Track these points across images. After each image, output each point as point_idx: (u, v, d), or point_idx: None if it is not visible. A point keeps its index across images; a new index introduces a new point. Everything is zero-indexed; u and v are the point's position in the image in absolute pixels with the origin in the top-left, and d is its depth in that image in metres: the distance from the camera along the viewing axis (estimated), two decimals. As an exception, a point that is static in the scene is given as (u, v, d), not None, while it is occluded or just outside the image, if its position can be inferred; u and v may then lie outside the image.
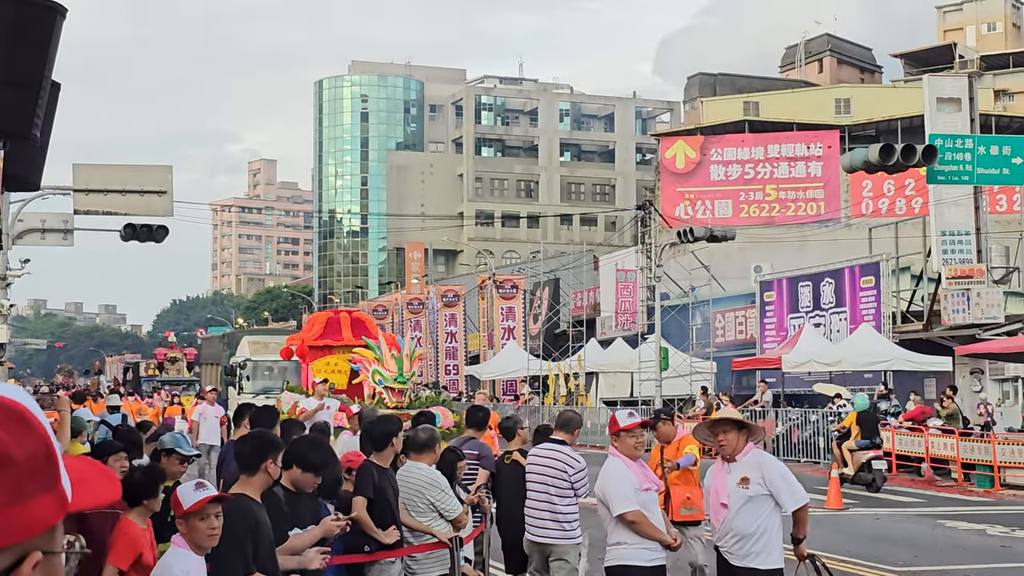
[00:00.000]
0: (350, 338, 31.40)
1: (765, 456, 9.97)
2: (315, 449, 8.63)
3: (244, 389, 44.83)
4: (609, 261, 70.28)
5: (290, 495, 8.36)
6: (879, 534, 20.94)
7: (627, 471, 9.67)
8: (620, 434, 9.83)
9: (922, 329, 43.87)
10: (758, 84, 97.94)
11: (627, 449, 9.78)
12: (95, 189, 29.45)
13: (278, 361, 42.45)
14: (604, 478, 9.79)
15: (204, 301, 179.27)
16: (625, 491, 9.57)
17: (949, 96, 42.24)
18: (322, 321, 33.36)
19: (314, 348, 32.24)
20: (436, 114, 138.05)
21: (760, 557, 9.49)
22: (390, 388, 25.62)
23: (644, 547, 9.58)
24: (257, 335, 57.00)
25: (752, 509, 9.55)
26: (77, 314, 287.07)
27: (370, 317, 37.99)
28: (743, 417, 10.17)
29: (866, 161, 27.07)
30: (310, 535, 8.26)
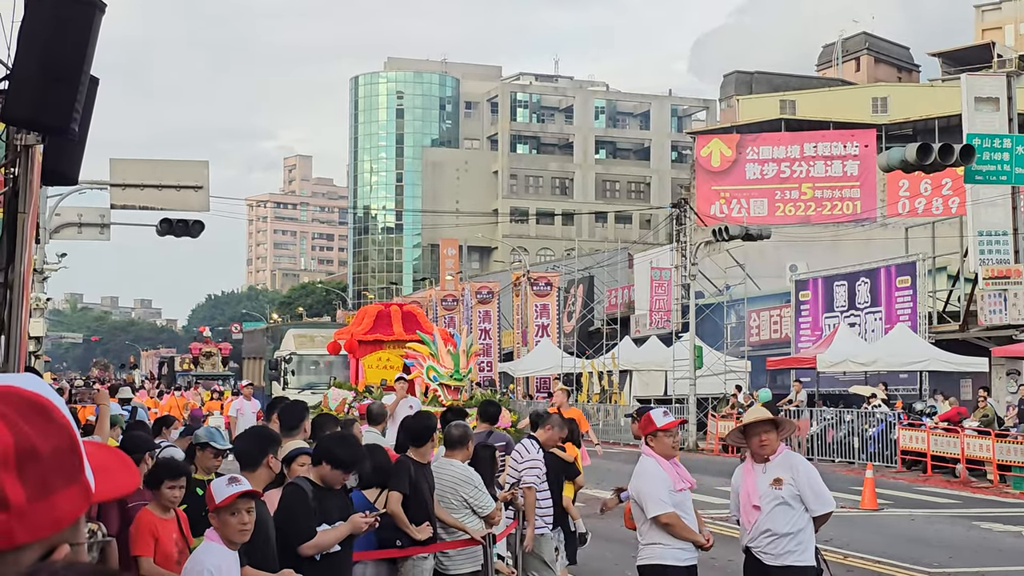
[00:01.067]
0: (401, 332, 30.58)
1: (796, 457, 9.95)
2: (344, 446, 8.62)
3: (289, 384, 43.61)
4: (644, 259, 70.19)
5: (318, 490, 8.37)
6: (914, 535, 20.84)
7: (661, 472, 9.61)
8: (657, 434, 9.75)
9: (958, 329, 43.63)
10: (794, 82, 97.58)
11: (664, 449, 9.71)
12: (132, 184, 29.51)
13: (324, 355, 41.24)
14: (639, 479, 9.74)
15: (239, 296, 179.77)
16: (660, 493, 9.52)
17: (987, 95, 42.00)
18: (372, 314, 32.39)
19: (364, 343, 31.36)
20: (471, 111, 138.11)
21: (795, 555, 9.48)
22: (445, 385, 24.79)
23: (678, 547, 9.55)
24: (302, 328, 54.61)
25: (786, 509, 9.52)
26: (113, 308, 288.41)
27: (422, 310, 36.91)
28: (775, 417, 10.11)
29: (903, 160, 26.95)
30: (337, 532, 8.26)
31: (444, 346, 25.58)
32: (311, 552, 8.12)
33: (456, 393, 25.47)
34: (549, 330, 68.10)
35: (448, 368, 24.91)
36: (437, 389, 25.10)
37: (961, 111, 42.82)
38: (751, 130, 77.61)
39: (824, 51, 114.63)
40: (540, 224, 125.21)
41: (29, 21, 8.17)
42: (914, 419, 34.79)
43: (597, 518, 22.75)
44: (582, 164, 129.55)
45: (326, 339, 39.68)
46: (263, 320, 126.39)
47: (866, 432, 35.76)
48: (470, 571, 10.66)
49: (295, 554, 8.11)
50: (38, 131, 9.50)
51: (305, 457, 9.03)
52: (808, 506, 9.50)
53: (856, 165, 72.67)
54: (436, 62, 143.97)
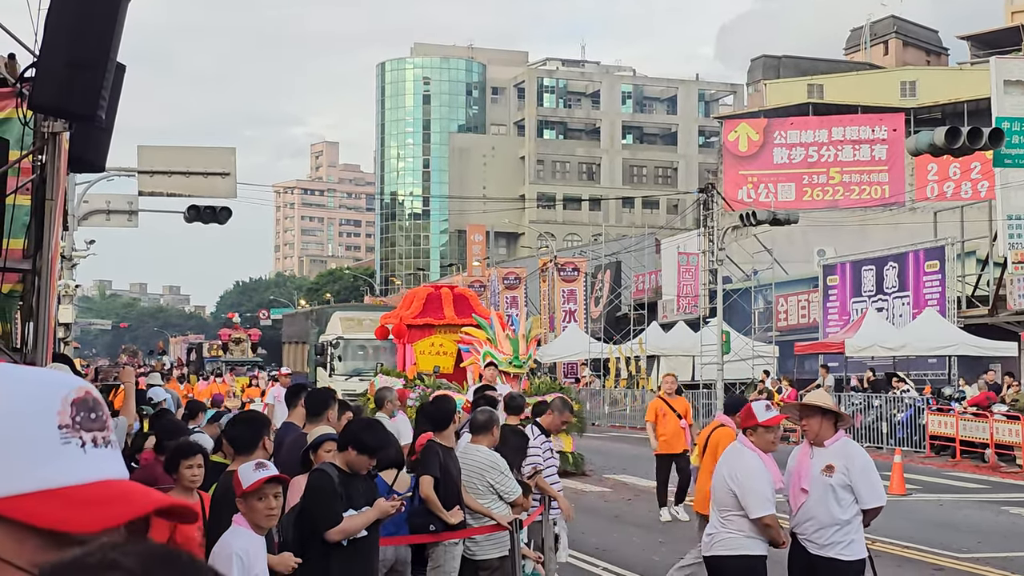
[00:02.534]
0: (453, 316, 29.70)
1: (854, 447, 9.73)
2: (369, 431, 8.62)
3: (336, 370, 42.02)
4: (671, 244, 70.11)
5: (344, 476, 8.37)
6: (942, 520, 20.78)
7: (766, 471, 9.48)
8: (757, 428, 9.59)
9: (987, 314, 43.46)
10: (822, 66, 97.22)
11: (764, 444, 9.56)
12: (159, 171, 29.58)
13: (372, 340, 39.42)
14: (744, 472, 9.50)
15: (267, 283, 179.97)
16: (767, 492, 9.41)
17: (1016, 79, 41.76)
18: (422, 297, 31.23)
19: (413, 327, 30.15)
20: (498, 96, 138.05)
21: (840, 547, 9.33)
22: (504, 372, 23.48)
23: (759, 537, 9.44)
24: (349, 311, 50.67)
25: (835, 498, 9.39)
26: (141, 295, 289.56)
27: (474, 293, 35.46)
28: (832, 404, 9.95)
29: (932, 144, 26.81)
30: (363, 517, 8.28)
31: (502, 330, 24.60)
32: (338, 537, 8.14)
33: (516, 381, 24.23)
34: (576, 315, 68.09)
35: (507, 354, 23.98)
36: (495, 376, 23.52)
37: (990, 94, 42.60)
38: (778, 114, 77.39)
39: (852, 35, 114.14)
40: (567, 209, 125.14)
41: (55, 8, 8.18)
42: (943, 404, 34.66)
43: (624, 502, 22.78)
44: (609, 149, 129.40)
45: (374, 323, 38.18)
46: (291, 306, 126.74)
47: (894, 417, 35.65)
48: (497, 556, 10.68)
49: (322, 539, 8.14)
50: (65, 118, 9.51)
51: (331, 443, 9.03)
52: (859, 498, 9.37)
53: (884, 149, 72.42)
54: (463, 48, 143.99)
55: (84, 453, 1.83)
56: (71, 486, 1.79)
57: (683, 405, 21.00)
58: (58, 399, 1.83)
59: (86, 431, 1.84)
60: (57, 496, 1.77)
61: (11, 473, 1.77)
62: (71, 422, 1.83)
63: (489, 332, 24.54)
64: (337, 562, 8.24)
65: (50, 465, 1.80)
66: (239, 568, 6.60)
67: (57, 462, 1.80)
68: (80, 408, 1.85)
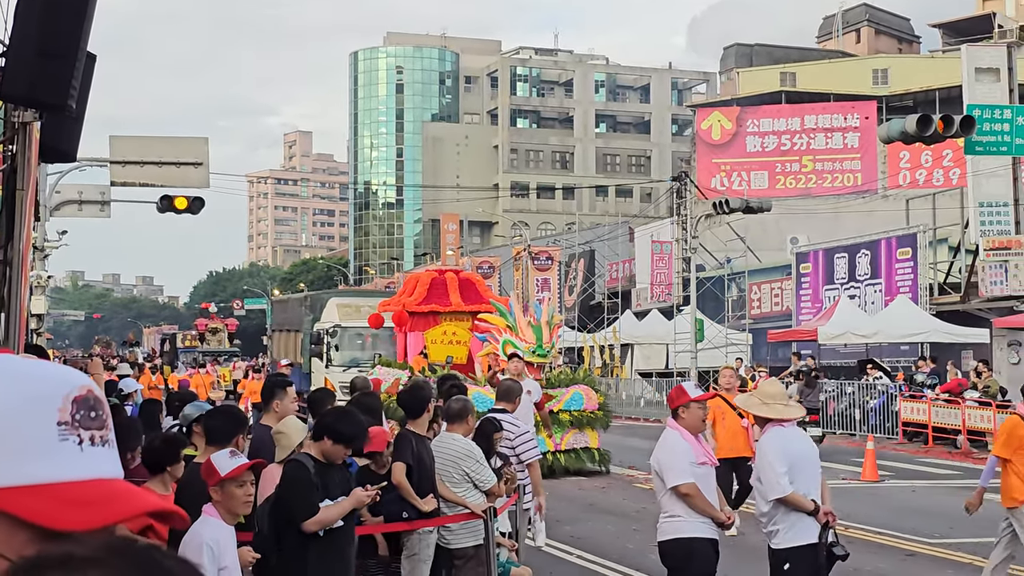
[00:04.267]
0: (460, 303, 28.32)
1: (765, 438, 9.71)
2: (345, 420, 8.62)
3: (332, 361, 39.70)
4: (644, 232, 70.20)
5: (320, 466, 8.36)
6: (915, 506, 20.89)
7: (684, 444, 9.51)
8: (690, 405, 9.65)
9: (959, 301, 43.65)
10: (795, 54, 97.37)
11: (694, 421, 9.63)
12: (132, 161, 29.47)
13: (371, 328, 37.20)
14: (660, 450, 9.67)
15: (240, 273, 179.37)
16: (680, 464, 9.42)
17: (988, 66, 41.93)
18: (425, 283, 29.42)
19: (416, 314, 28.48)
20: (471, 85, 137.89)
21: (771, 536, 9.53)
22: (527, 362, 21.24)
23: (699, 520, 9.45)
24: (346, 296, 47.59)
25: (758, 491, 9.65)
26: (114, 285, 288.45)
27: (481, 277, 33.44)
28: (748, 402, 10.07)
29: (903, 132, 26.90)
30: (339, 507, 8.27)
31: (523, 316, 23.03)
32: (315, 528, 8.13)
33: (539, 371, 22.53)
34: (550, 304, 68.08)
35: (530, 342, 22.28)
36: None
37: (962, 82, 42.75)
38: (751, 103, 77.52)
39: (824, 23, 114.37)
40: (541, 198, 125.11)
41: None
42: (915, 391, 34.81)
43: (598, 491, 22.82)
44: (582, 138, 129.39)
45: (373, 309, 36.75)
46: (264, 296, 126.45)
47: (867, 404, 35.79)
48: (472, 544, 10.69)
49: (298, 530, 8.14)
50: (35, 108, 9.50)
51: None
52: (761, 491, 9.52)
53: (857, 137, 72.65)
54: (436, 36, 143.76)
55: (81, 451, 1.84)
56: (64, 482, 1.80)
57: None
58: (59, 396, 1.84)
59: (84, 429, 1.85)
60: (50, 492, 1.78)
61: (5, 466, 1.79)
62: (70, 419, 1.84)
63: (509, 319, 22.82)
64: (314, 552, 8.23)
65: (45, 461, 1.81)
66: (209, 558, 6.60)
67: (53, 458, 1.82)
68: (81, 406, 1.86)
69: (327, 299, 44.30)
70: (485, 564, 10.82)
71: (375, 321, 31.23)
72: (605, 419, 26.02)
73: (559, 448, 24.73)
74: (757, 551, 14.64)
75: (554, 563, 14.95)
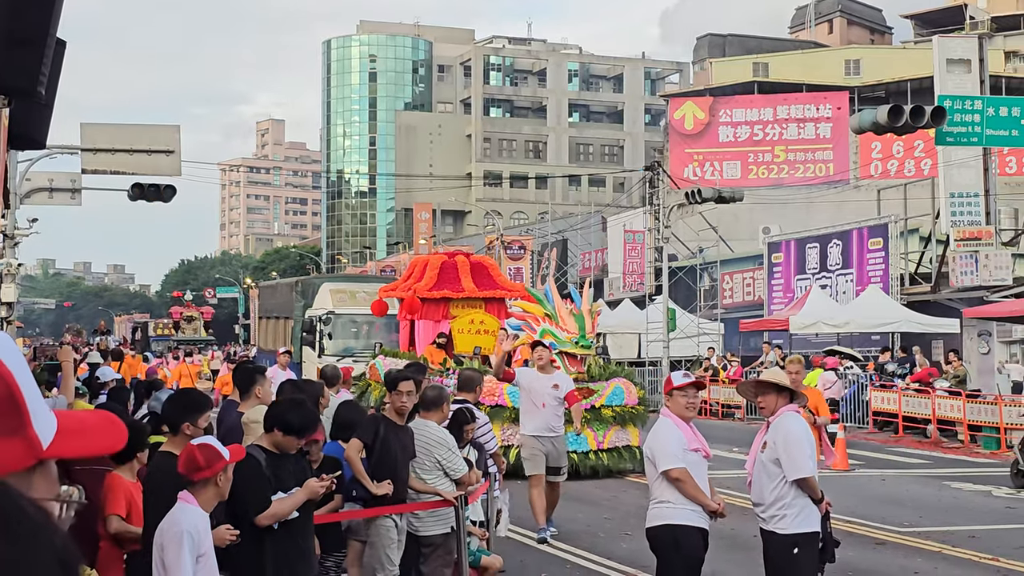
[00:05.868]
0: (473, 288, 26.55)
1: (788, 420, 9.69)
2: (295, 411, 8.57)
3: (326, 350, 37.22)
4: (617, 222, 70.21)
5: (273, 457, 8.26)
6: (885, 495, 20.97)
7: (676, 430, 9.54)
8: (673, 393, 9.69)
9: (930, 291, 43.79)
10: (768, 45, 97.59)
11: (679, 409, 9.63)
12: (103, 148, 29.44)
13: (365, 315, 35.67)
14: (653, 436, 9.71)
15: (212, 261, 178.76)
16: (672, 449, 9.43)
17: (959, 57, 42.04)
18: (435, 267, 27.27)
19: (427, 300, 26.55)
20: (444, 74, 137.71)
21: (776, 520, 9.46)
22: (567, 354, 20.47)
23: (689, 508, 9.44)
24: (339, 281, 45.08)
25: (766, 474, 9.54)
26: (86, 274, 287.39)
27: (494, 261, 31.39)
28: (786, 381, 9.99)
29: (875, 122, 26.99)
30: (292, 499, 8.20)
31: (564, 305, 21.21)
32: (268, 522, 8.06)
33: (581, 364, 21.37)
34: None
35: (572, 332, 20.69)
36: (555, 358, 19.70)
37: (933, 73, 42.88)
38: (724, 93, 77.66)
39: (797, 13, 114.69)
40: (514, 188, 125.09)
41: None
42: (886, 380, 34.97)
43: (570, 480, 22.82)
44: (555, 127, 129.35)
45: (369, 295, 35.51)
46: (236, 285, 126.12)
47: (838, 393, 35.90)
48: (440, 532, 10.68)
49: (252, 525, 8.09)
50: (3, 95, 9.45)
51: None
52: (784, 471, 9.43)
53: (829, 127, 72.85)
54: (409, 25, 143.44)
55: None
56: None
57: (814, 398, 15.56)
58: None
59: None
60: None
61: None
62: None
63: (548, 306, 21.09)
64: (270, 545, 8.18)
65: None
66: (189, 545, 6.60)
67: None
68: None
69: (319, 284, 42.19)
70: (454, 552, 10.82)
71: (378, 308, 29.45)
72: (643, 415, 23.81)
73: (601, 447, 22.80)
74: (745, 541, 14.70)
75: (524, 551, 14.97)
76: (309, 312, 39.56)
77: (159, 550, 6.69)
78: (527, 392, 16.07)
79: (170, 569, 6.59)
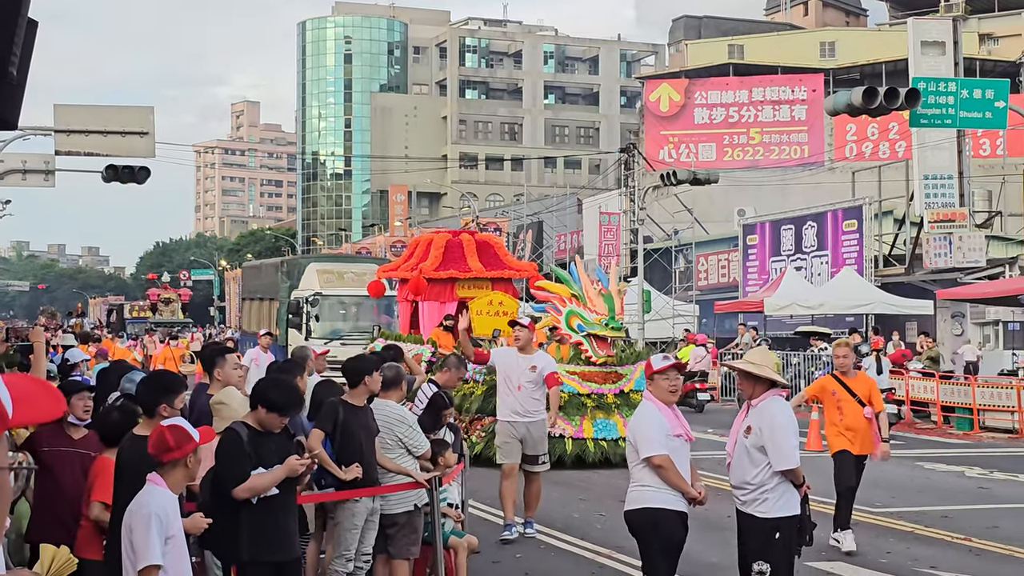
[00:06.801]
0: (480, 268, 25.67)
1: (775, 406, 9.61)
2: (278, 389, 8.63)
3: (313, 333, 35.74)
4: (592, 204, 70.23)
5: (256, 435, 8.36)
6: (858, 476, 21.06)
7: (659, 415, 9.45)
8: (654, 377, 9.60)
9: (904, 273, 43.98)
10: (743, 27, 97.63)
11: (661, 393, 9.54)
12: (76, 130, 29.34)
13: (354, 297, 35.21)
14: (636, 421, 9.62)
15: (187, 243, 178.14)
16: (654, 435, 9.34)
17: (934, 39, 42.17)
18: (440, 246, 26.12)
19: (433, 281, 25.54)
20: (420, 56, 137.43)
21: (756, 504, 9.41)
22: (595, 336, 19.89)
23: (668, 491, 9.36)
24: (326, 262, 43.21)
25: (749, 459, 9.48)
26: (60, 256, 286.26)
27: (500, 240, 29.77)
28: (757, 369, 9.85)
29: (849, 104, 27.02)
30: (271, 475, 8.26)
31: (591, 285, 20.32)
32: (245, 495, 8.13)
33: (610, 347, 20.51)
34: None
35: (601, 313, 19.94)
36: (582, 341, 20.16)
37: (908, 55, 42.99)
38: (700, 75, 77.66)
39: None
40: (489, 169, 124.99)
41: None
42: (859, 362, 35.04)
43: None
44: (531, 109, 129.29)
45: (357, 276, 35.00)
46: (211, 267, 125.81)
47: (812, 375, 35.98)
48: (403, 511, 10.66)
49: (230, 498, 8.15)
50: (-25, 75, 9.38)
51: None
52: (769, 459, 9.39)
53: (804, 110, 72.97)
54: (384, 7, 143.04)
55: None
56: None
57: (866, 387, 14.80)
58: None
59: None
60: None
61: None
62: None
63: (574, 287, 20.19)
64: (247, 519, 8.26)
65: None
66: (157, 527, 6.58)
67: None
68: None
69: (306, 265, 40.69)
70: (419, 530, 10.84)
71: (375, 289, 28.51)
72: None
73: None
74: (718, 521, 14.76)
75: (499, 532, 14.97)
76: (295, 293, 38.36)
77: (128, 532, 6.68)
78: (502, 374, 15.22)
79: (138, 551, 6.58)
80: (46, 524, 8.80)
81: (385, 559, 10.74)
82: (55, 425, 8.95)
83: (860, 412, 14.46)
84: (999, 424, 29.22)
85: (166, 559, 6.58)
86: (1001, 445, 26.99)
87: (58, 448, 8.99)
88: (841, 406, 14.62)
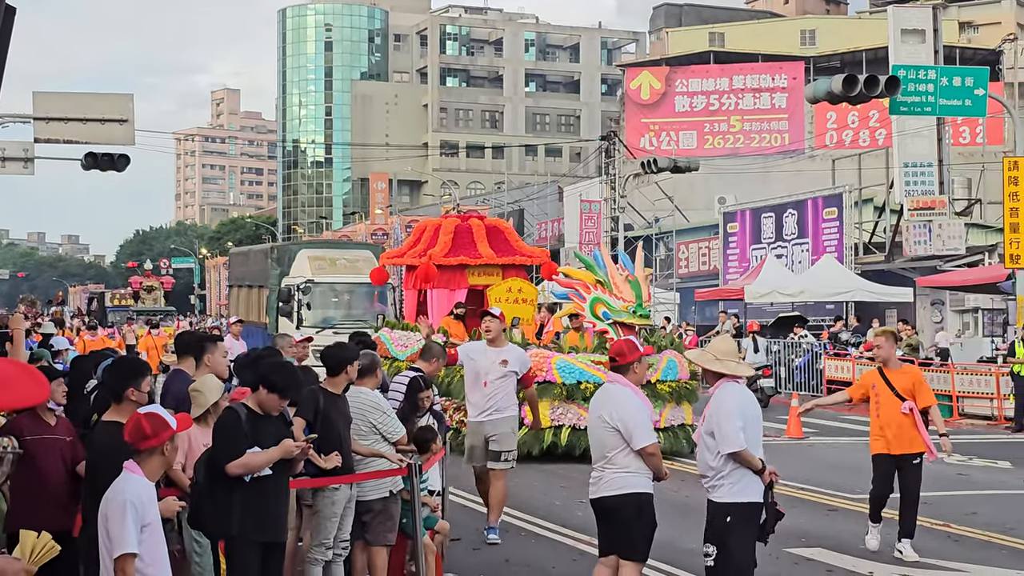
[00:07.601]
0: (490, 254, 24.58)
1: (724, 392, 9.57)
2: (280, 372, 8.67)
3: (304, 321, 34.28)
4: (573, 192, 70.20)
5: (254, 416, 8.45)
6: (837, 462, 21.15)
7: (643, 402, 9.63)
8: (641, 360, 9.73)
9: (884, 260, 44.11)
10: (724, 15, 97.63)
11: (637, 379, 9.74)
12: (55, 117, 29.26)
13: (346, 284, 34.50)
14: (621, 408, 9.53)
15: (167, 231, 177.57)
16: (647, 423, 9.50)
17: (914, 27, 42.32)
18: (449, 231, 25.04)
19: (443, 268, 24.46)
20: (401, 44, 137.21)
21: (716, 491, 9.47)
22: (622, 324, 19.04)
23: (645, 475, 9.52)
24: (316, 248, 41.40)
25: (704, 445, 9.56)
26: (40, 244, 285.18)
27: (509, 225, 28.30)
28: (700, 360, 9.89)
29: (829, 92, 27.10)
30: (266, 455, 8.31)
31: (618, 271, 19.69)
32: (238, 471, 8.18)
33: (638, 335, 18.92)
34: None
35: (628, 300, 19.29)
36: (607, 328, 19.43)
37: (888, 43, 43.08)
38: (680, 63, 77.62)
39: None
40: (470, 157, 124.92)
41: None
42: (840, 349, 35.17)
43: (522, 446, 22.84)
44: (512, 97, 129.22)
45: (350, 262, 34.60)
46: (192, 255, 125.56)
47: (792, 362, 36.11)
48: (378, 498, 10.66)
49: (227, 477, 8.26)
50: (-48, 62, 9.35)
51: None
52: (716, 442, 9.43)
53: (784, 98, 73.04)
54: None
55: None
56: None
57: (908, 379, 13.78)
58: None
59: None
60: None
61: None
62: None
63: (599, 272, 19.51)
64: (239, 497, 8.34)
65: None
66: (133, 516, 6.56)
67: None
68: None
69: (296, 251, 38.87)
70: (395, 517, 10.84)
71: (378, 276, 27.54)
72: (696, 391, 21.76)
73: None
74: (697, 506, 14.80)
75: (480, 519, 14.97)
76: (286, 280, 36.81)
77: (103, 520, 6.67)
78: (470, 370, 14.33)
79: (114, 539, 6.56)
80: (27, 512, 8.76)
81: (363, 546, 10.75)
82: (32, 412, 8.91)
83: (897, 408, 13.47)
84: (978, 411, 29.36)
85: (142, 547, 6.57)
86: (980, 432, 27.13)
87: (39, 436, 8.96)
88: (879, 401, 13.67)
